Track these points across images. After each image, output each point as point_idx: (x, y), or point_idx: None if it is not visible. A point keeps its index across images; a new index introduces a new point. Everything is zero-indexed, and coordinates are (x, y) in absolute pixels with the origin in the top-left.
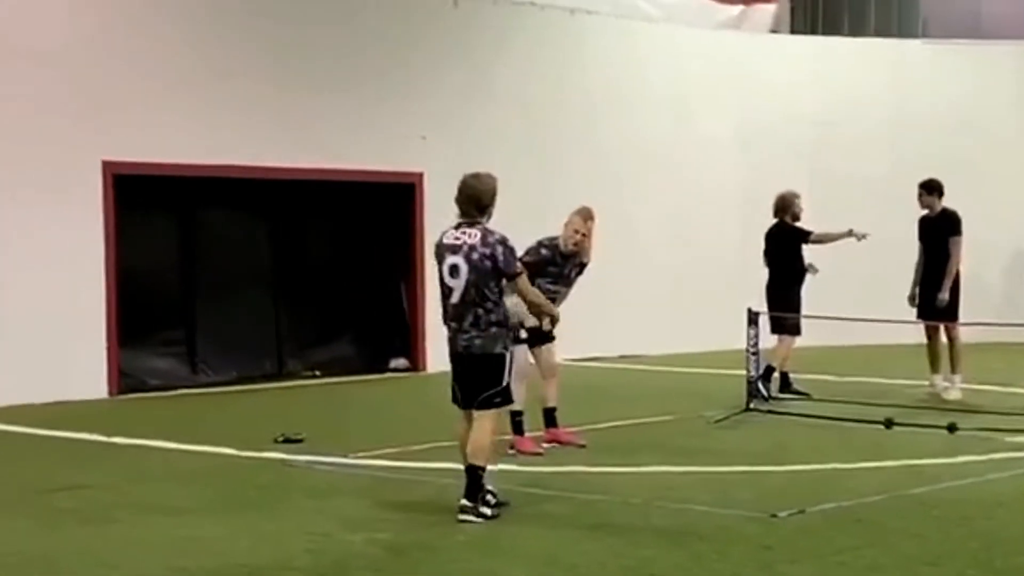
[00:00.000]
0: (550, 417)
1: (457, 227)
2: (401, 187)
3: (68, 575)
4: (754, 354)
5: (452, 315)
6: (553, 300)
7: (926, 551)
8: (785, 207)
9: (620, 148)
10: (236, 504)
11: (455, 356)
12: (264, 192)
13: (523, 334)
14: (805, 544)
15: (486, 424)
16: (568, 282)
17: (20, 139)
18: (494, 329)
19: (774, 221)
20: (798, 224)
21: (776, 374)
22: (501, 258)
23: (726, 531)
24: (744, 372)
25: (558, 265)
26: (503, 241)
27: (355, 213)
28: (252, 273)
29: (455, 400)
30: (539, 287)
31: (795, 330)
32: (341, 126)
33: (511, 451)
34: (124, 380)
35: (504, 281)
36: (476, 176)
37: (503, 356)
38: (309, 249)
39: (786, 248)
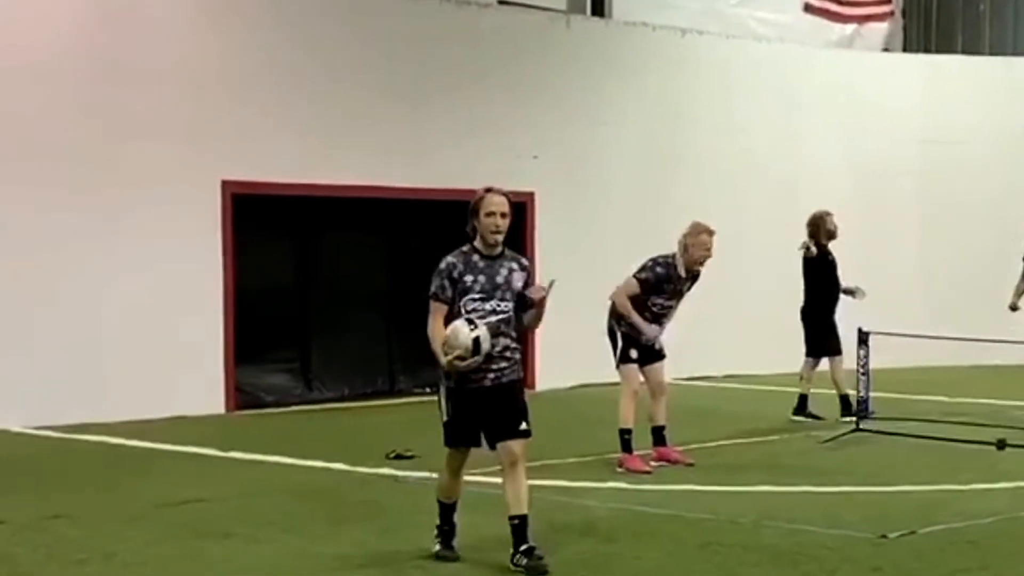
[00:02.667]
0: (659, 435)
1: None
2: (512, 206)
3: None
4: (863, 374)
5: None
6: (666, 315)
7: None
8: (816, 228)
9: (729, 167)
10: (348, 519)
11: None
12: (377, 212)
13: (633, 354)
14: (916, 566)
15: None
16: (681, 296)
17: (141, 159)
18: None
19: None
20: (831, 255)
21: (852, 394)
22: None
23: (835, 552)
24: (854, 392)
25: (674, 282)
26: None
27: (466, 233)
28: (365, 292)
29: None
30: (654, 303)
31: (831, 352)
32: (454, 147)
33: (619, 469)
34: (241, 396)
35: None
36: None
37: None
38: (421, 268)
39: (819, 271)
